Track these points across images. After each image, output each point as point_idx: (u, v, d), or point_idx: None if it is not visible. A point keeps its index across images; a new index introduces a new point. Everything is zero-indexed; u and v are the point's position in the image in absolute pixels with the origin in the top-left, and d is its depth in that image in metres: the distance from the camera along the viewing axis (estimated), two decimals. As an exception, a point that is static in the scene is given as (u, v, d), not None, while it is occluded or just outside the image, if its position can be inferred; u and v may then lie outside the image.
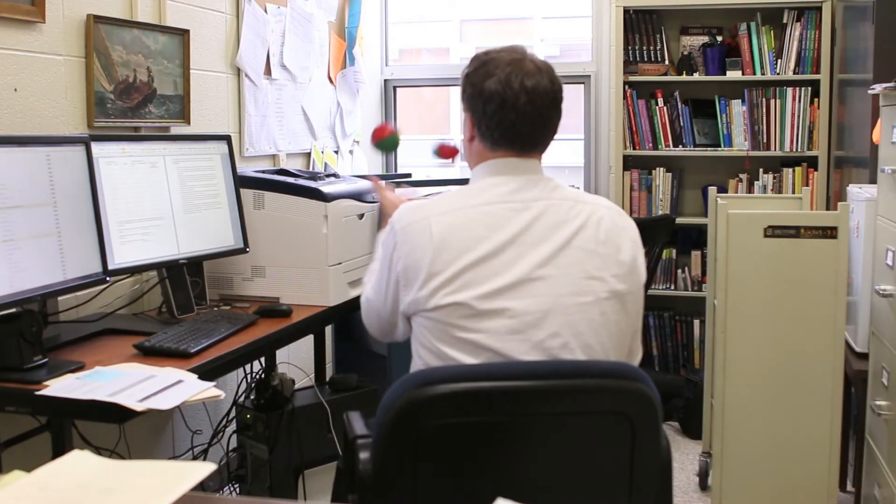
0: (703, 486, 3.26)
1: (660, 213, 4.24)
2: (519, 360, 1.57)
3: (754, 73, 4.09)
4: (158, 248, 2.31)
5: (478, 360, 1.59)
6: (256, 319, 2.33)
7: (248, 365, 2.77)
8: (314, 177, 2.73)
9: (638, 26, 4.19)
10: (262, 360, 2.79)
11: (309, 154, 3.71)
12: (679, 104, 4.19)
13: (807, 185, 3.97)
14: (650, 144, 4.21)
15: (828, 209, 3.93)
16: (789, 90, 4.06)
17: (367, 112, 4.37)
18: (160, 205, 2.33)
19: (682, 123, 4.20)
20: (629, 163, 4.26)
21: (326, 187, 2.62)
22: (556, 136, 1.77)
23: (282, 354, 2.95)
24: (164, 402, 1.64)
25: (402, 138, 2.72)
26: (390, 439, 1.44)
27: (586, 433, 1.51)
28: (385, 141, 2.65)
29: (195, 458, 2.84)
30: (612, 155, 4.28)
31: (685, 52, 4.20)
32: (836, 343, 2.60)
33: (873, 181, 2.70)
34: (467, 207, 1.66)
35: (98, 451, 2.13)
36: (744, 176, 4.18)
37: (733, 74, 4.11)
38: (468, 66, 1.74)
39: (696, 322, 4.26)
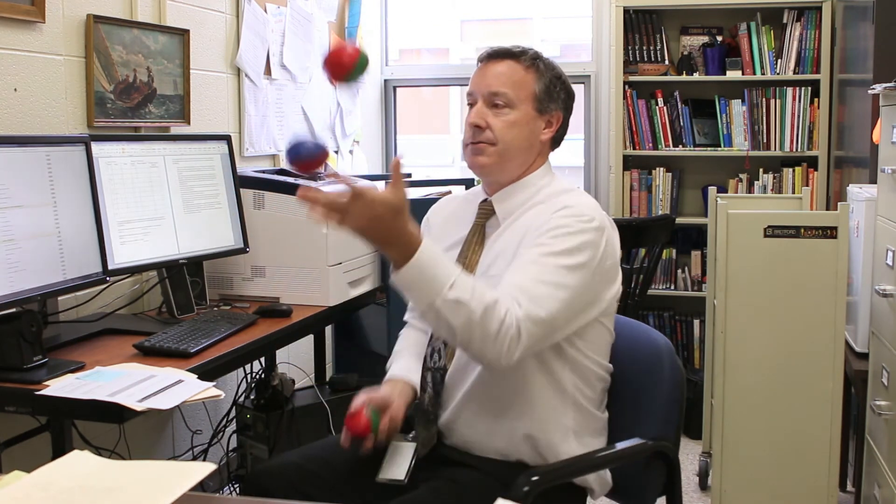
0: (703, 486, 3.26)
1: (660, 213, 4.24)
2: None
3: (754, 73, 4.09)
4: (158, 248, 2.31)
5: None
6: (256, 319, 2.33)
7: (248, 365, 2.77)
8: (314, 177, 2.73)
9: (638, 26, 4.19)
10: (262, 360, 2.79)
11: (309, 154, 3.70)
12: (679, 104, 4.19)
13: (807, 185, 3.97)
14: (650, 144, 4.21)
15: (828, 209, 3.93)
16: (789, 90, 4.06)
17: (367, 112, 4.37)
18: (160, 205, 2.33)
19: (682, 123, 4.20)
20: (629, 163, 4.26)
21: (327, 187, 2.61)
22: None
23: (282, 354, 2.95)
24: (164, 402, 1.64)
25: (402, 138, 2.60)
26: None
27: None
28: (354, 72, 1.61)
29: (195, 458, 2.84)
30: (612, 155, 4.28)
31: (685, 52, 4.20)
32: (836, 343, 2.60)
33: (873, 181, 2.69)
34: None
35: (98, 451, 2.13)
36: (744, 176, 4.18)
37: (733, 74, 4.11)
38: (559, 68, 1.80)
39: (696, 322, 4.26)
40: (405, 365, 1.85)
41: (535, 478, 1.56)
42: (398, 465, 1.69)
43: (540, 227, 1.64)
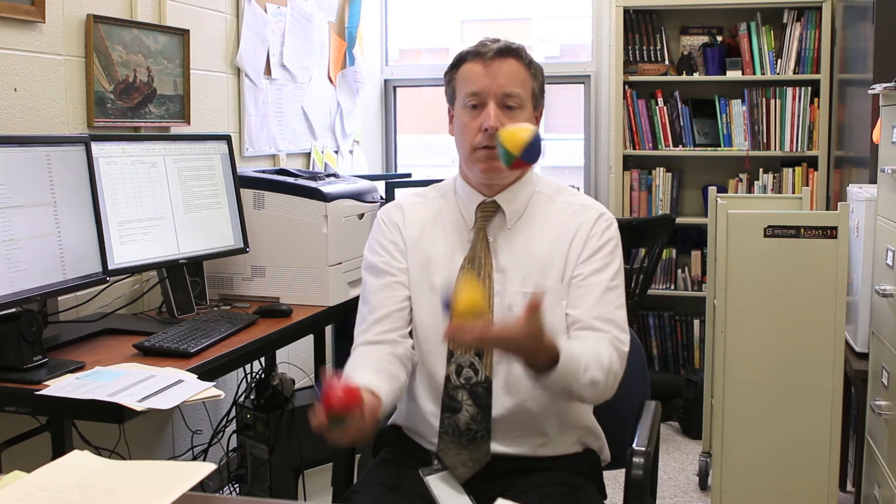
0: (703, 486, 3.26)
1: (660, 213, 4.24)
2: None
3: (754, 73, 4.09)
4: (158, 248, 2.31)
5: None
6: (256, 319, 2.33)
7: (248, 365, 2.77)
8: (314, 177, 2.73)
9: (638, 26, 4.19)
10: (262, 360, 2.79)
11: (309, 154, 3.71)
12: (679, 104, 4.19)
13: (807, 185, 3.97)
14: (650, 144, 4.21)
15: (828, 209, 3.93)
16: (789, 90, 4.06)
17: (367, 112, 4.37)
18: (160, 205, 2.33)
19: (682, 123, 4.20)
20: (629, 163, 4.26)
21: (326, 187, 2.62)
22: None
23: (282, 354, 2.95)
24: (164, 402, 1.64)
25: (402, 138, 2.57)
26: None
27: None
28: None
29: (195, 458, 2.84)
30: (612, 155, 4.28)
31: (685, 52, 4.20)
32: (836, 343, 2.60)
33: (873, 181, 2.70)
34: None
35: (98, 451, 2.13)
36: (744, 176, 4.18)
37: (733, 74, 4.10)
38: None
39: (696, 322, 4.26)
40: (367, 378, 1.52)
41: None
42: (455, 497, 1.57)
43: (589, 235, 1.68)
